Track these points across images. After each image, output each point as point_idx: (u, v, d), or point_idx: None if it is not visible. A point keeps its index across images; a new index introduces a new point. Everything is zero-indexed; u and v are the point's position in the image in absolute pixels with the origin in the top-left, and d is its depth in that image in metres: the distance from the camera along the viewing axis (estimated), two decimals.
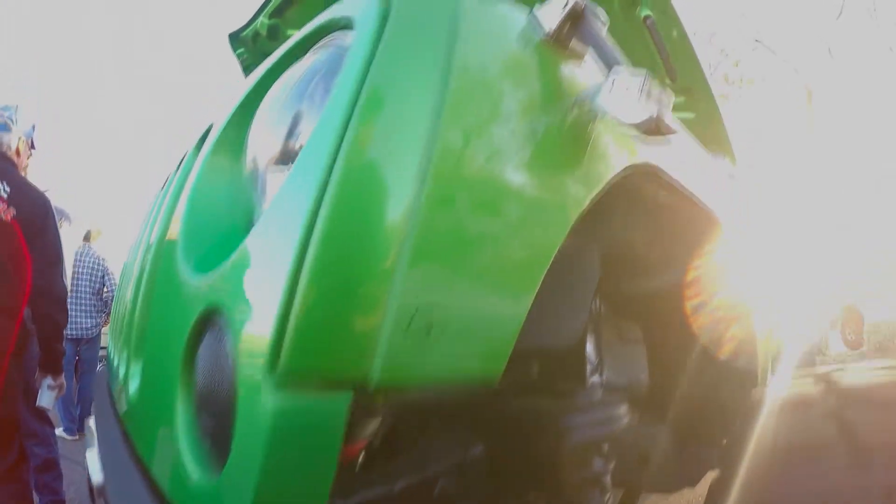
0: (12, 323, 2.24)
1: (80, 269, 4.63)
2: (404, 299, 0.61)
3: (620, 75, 0.76)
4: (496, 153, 0.72)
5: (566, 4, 0.80)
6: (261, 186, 0.84)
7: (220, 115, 1.07)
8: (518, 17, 0.83)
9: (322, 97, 0.73)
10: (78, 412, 4.87)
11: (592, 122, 0.83)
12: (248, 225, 0.81)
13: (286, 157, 0.78)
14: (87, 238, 4.93)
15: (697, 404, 1.72)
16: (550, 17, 0.82)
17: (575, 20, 0.82)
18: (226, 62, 2.80)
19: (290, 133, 0.79)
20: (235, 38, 2.66)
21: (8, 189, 2.28)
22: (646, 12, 1.78)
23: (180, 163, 1.29)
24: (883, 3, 11.37)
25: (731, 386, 1.79)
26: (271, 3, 2.44)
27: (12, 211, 2.25)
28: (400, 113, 0.66)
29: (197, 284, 0.77)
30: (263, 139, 0.88)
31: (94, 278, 4.65)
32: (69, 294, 4.13)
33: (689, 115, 1.98)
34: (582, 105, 0.82)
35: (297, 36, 0.94)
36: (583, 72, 0.89)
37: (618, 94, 0.74)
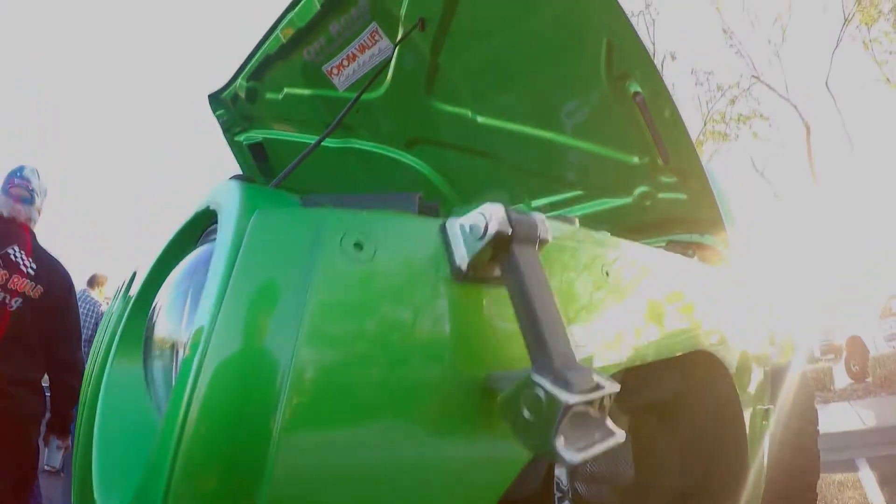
0: (35, 395, 2.30)
1: None
2: None
3: (542, 384, 0.50)
4: (368, 416, 0.56)
5: (484, 231, 0.59)
6: (154, 399, 0.75)
7: (140, 273, 0.97)
8: (418, 234, 0.65)
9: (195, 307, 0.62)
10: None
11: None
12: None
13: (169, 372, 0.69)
14: (91, 283, 4.78)
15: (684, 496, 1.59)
16: (465, 239, 0.61)
17: (498, 249, 0.60)
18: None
19: (171, 347, 0.69)
20: (215, 99, 2.55)
21: (35, 266, 2.29)
22: (635, 88, 1.62)
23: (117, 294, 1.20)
24: (877, 34, 11.24)
25: (720, 476, 1.65)
26: (249, 66, 2.32)
27: (40, 289, 2.28)
28: (252, 343, 0.55)
29: None
30: (154, 347, 0.78)
31: (86, 326, 4.48)
32: None
33: (680, 195, 1.82)
34: (492, 392, 0.60)
35: (186, 217, 0.83)
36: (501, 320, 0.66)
37: (540, 416, 0.50)
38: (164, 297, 0.78)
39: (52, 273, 2.39)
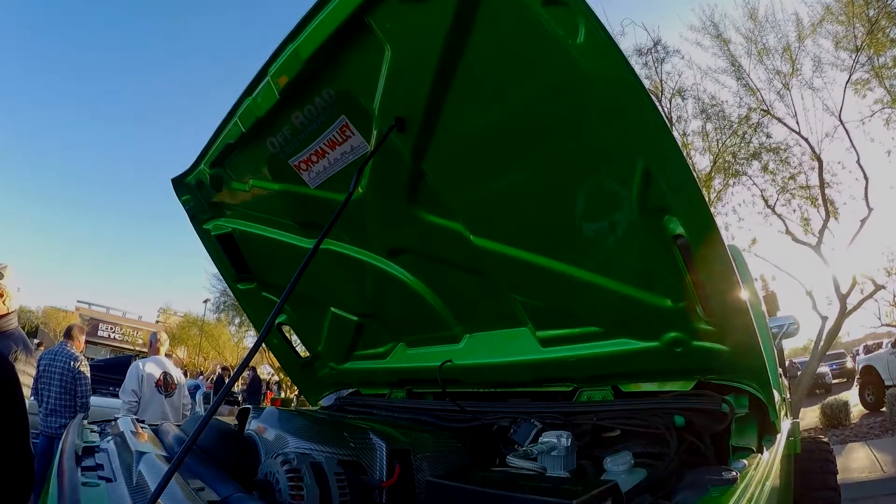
0: None
1: (52, 370, 4.07)
2: None
3: None
4: None
5: None
6: None
7: None
8: None
9: None
10: None
11: None
12: None
13: None
14: (67, 335, 4.37)
15: None
16: None
17: None
18: None
19: None
20: (179, 184, 2.10)
21: None
22: (678, 230, 1.13)
23: None
24: (887, 60, 10.47)
25: None
26: (210, 153, 1.87)
27: None
28: None
29: None
30: None
31: (65, 379, 4.07)
32: (40, 396, 3.76)
33: (721, 347, 1.33)
34: None
35: None
36: None
37: None
38: None
39: None
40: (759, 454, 1.26)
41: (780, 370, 2.54)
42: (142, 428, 1.80)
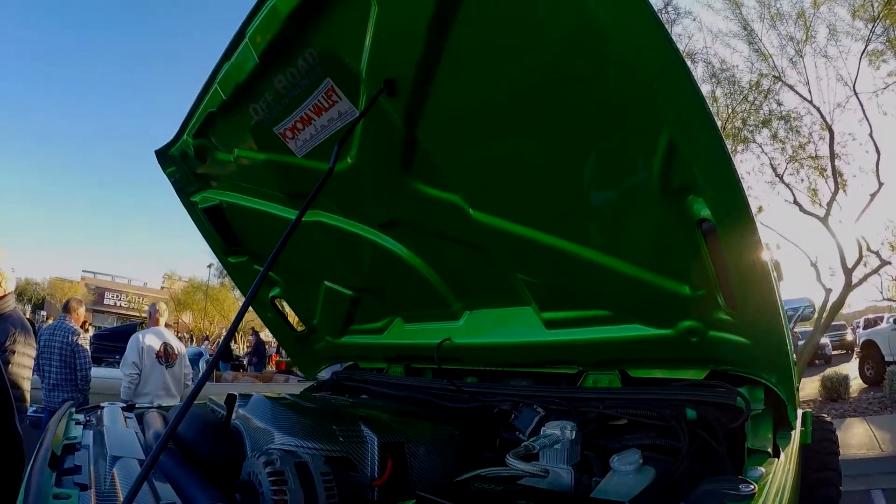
0: None
1: (52, 345, 4.03)
2: None
3: None
4: None
5: None
6: None
7: None
8: None
9: None
10: None
11: None
12: None
13: None
14: (66, 309, 4.30)
15: None
16: None
17: None
18: None
19: None
20: (163, 156, 1.97)
21: None
22: (704, 213, 0.99)
23: None
24: None
25: None
26: (193, 122, 1.73)
27: None
28: None
29: None
30: None
31: (64, 353, 4.03)
32: (42, 371, 3.71)
33: (741, 340, 1.21)
34: None
35: None
36: None
37: None
38: None
39: None
40: (776, 458, 1.15)
41: (793, 357, 2.43)
42: (126, 417, 1.72)
